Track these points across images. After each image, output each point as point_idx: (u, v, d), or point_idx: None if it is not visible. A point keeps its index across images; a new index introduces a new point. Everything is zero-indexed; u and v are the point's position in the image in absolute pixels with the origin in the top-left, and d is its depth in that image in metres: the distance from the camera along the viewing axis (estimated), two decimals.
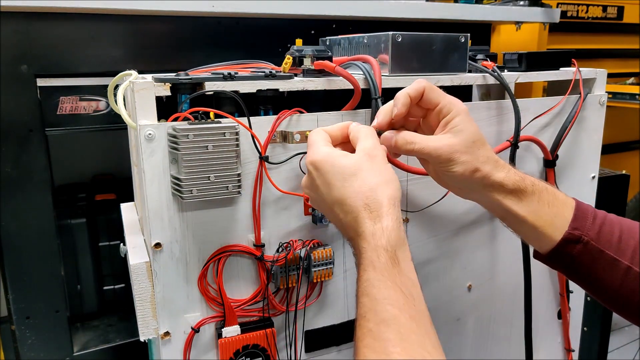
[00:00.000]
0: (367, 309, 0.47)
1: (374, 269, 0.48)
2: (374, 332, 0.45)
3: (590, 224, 0.58)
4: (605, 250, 0.57)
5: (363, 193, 0.52)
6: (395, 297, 0.47)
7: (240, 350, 0.67)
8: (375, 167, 0.53)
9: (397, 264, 0.49)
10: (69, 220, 1.15)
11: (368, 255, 0.49)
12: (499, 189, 0.59)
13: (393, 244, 0.50)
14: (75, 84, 0.97)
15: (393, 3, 1.15)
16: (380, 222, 0.50)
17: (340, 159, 0.54)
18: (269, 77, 0.66)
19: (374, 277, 0.48)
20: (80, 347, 1.10)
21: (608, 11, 2.04)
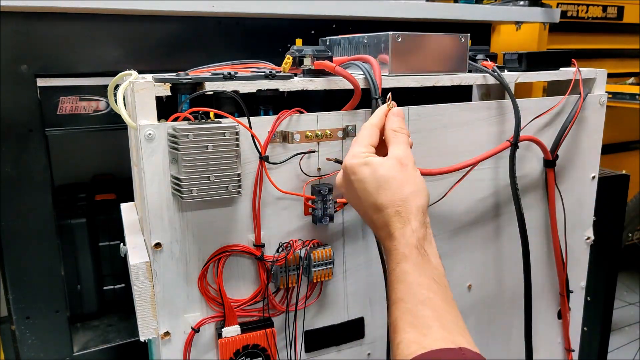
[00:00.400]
0: (403, 293, 0.52)
1: (407, 261, 0.54)
2: (413, 311, 0.50)
3: None
4: None
5: (395, 202, 0.57)
6: (428, 283, 0.53)
7: (240, 350, 0.67)
8: (408, 176, 0.58)
9: (426, 257, 0.55)
10: (69, 220, 1.15)
11: (401, 251, 0.55)
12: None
13: (421, 241, 0.56)
14: (75, 84, 0.97)
15: (393, 3, 1.15)
16: (409, 224, 0.56)
17: (377, 166, 0.58)
18: (269, 77, 0.66)
19: (408, 267, 0.54)
20: (80, 347, 1.10)
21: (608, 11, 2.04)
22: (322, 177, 0.70)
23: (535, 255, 0.90)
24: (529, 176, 0.89)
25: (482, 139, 0.82)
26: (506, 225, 0.88)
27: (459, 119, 0.79)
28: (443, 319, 0.50)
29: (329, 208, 0.69)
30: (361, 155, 0.59)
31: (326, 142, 0.69)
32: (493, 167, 0.84)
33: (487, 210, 0.86)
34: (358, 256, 0.76)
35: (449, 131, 0.79)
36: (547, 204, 0.91)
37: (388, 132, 0.62)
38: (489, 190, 0.85)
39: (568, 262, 0.94)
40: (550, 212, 0.91)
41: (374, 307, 0.79)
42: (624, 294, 2.40)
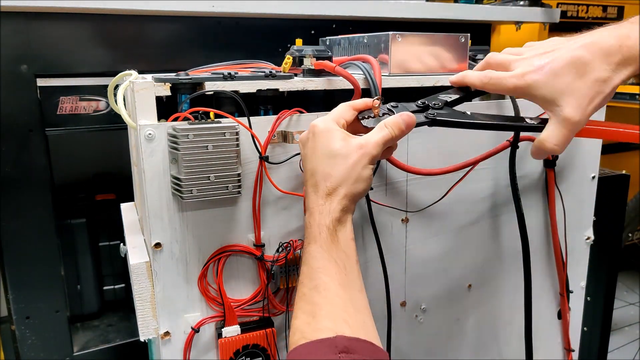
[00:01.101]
0: (304, 276, 0.54)
1: (315, 242, 0.54)
2: (307, 296, 0.52)
3: None
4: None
5: (333, 178, 0.56)
6: (328, 267, 0.53)
7: (240, 350, 0.67)
8: (358, 163, 0.56)
9: (335, 240, 0.55)
10: (69, 220, 1.15)
11: (314, 230, 0.55)
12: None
13: (335, 223, 0.55)
14: (75, 84, 0.98)
15: (393, 3, 1.15)
16: (330, 204, 0.55)
17: (336, 140, 0.56)
18: (269, 77, 0.66)
19: (314, 249, 0.54)
20: (80, 347, 1.10)
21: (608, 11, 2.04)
22: None
23: (535, 255, 0.90)
24: (529, 176, 0.89)
25: (482, 139, 0.82)
26: (506, 225, 0.88)
27: None
28: (332, 307, 0.50)
29: None
30: (329, 122, 0.58)
31: None
32: (493, 167, 0.84)
33: (487, 210, 0.86)
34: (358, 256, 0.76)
35: (449, 131, 0.79)
36: (547, 204, 0.91)
37: (380, 123, 0.60)
38: (489, 190, 0.85)
39: (568, 262, 0.94)
40: (550, 212, 0.91)
41: (374, 307, 0.79)
42: (624, 294, 2.40)
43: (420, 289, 0.83)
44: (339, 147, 0.56)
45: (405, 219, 0.79)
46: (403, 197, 0.78)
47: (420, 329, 0.84)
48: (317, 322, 0.49)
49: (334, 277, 0.52)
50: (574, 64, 0.54)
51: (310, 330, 0.49)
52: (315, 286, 0.52)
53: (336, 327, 0.48)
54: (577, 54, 0.54)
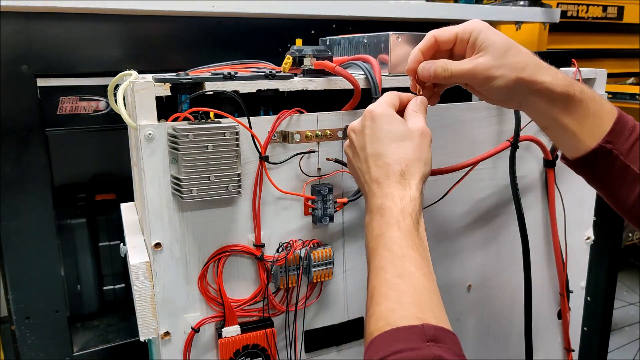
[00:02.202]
0: (386, 262, 0.52)
1: (399, 228, 0.53)
2: (391, 283, 0.50)
3: (625, 138, 0.58)
4: (631, 166, 0.57)
5: (405, 160, 0.56)
6: (413, 256, 0.52)
7: (240, 350, 0.67)
8: (423, 146, 0.57)
9: (418, 230, 0.54)
10: (69, 220, 1.15)
11: (394, 215, 0.53)
12: (547, 95, 0.57)
13: (417, 212, 0.54)
14: (75, 84, 0.97)
15: (393, 3, 1.15)
16: (410, 190, 0.55)
17: (398, 123, 0.57)
18: (269, 77, 0.66)
19: (398, 235, 0.52)
20: (80, 347, 1.10)
21: (608, 11, 2.04)
22: (322, 177, 0.70)
23: (535, 255, 0.90)
24: (529, 176, 0.89)
25: (482, 139, 0.82)
26: (506, 225, 0.88)
27: (459, 119, 0.79)
28: (418, 295, 0.49)
29: (329, 208, 0.69)
30: (386, 106, 0.59)
31: (326, 142, 0.69)
32: (493, 167, 0.84)
33: (487, 210, 0.86)
34: (358, 256, 0.76)
35: (449, 131, 0.79)
36: (547, 204, 0.91)
37: (408, 112, 0.61)
38: (489, 190, 0.85)
39: (568, 262, 0.94)
40: (550, 212, 0.91)
41: None
42: (624, 294, 2.40)
43: None
44: (405, 129, 0.57)
45: None
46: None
47: None
48: (403, 309, 0.48)
49: (419, 266, 0.51)
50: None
51: (396, 317, 0.47)
52: (400, 274, 0.50)
53: (423, 315, 0.47)
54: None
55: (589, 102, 0.58)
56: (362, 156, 0.59)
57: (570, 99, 0.58)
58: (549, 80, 0.57)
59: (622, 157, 0.57)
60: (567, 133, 0.59)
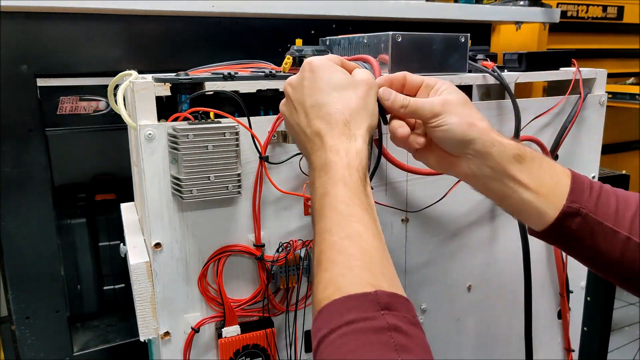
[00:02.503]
0: (332, 223, 0.48)
1: (344, 184, 0.49)
2: (339, 245, 0.46)
3: (587, 195, 0.56)
4: (603, 222, 0.55)
5: (349, 110, 0.52)
6: (361, 215, 0.48)
7: (240, 350, 0.67)
8: (369, 97, 0.54)
9: (366, 186, 0.51)
10: (69, 220, 1.15)
11: (339, 171, 0.50)
12: (499, 152, 0.56)
13: (364, 166, 0.51)
14: (75, 84, 0.97)
15: (393, 3, 1.15)
16: (355, 142, 0.51)
17: (340, 73, 0.55)
18: (269, 77, 0.66)
19: (344, 193, 0.49)
20: (80, 347, 1.10)
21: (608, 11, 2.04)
22: None
23: (535, 255, 0.90)
24: None
25: None
26: (506, 226, 0.88)
27: None
28: (369, 258, 0.46)
29: None
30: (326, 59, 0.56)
31: None
32: None
33: (487, 211, 0.86)
34: None
35: None
36: None
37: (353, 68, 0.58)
38: None
39: (568, 262, 0.94)
40: None
41: None
42: (624, 294, 2.39)
43: (420, 289, 0.83)
44: (348, 78, 0.54)
45: (405, 219, 0.79)
46: (403, 197, 0.78)
47: None
48: (353, 274, 0.44)
49: (367, 226, 0.48)
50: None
51: (347, 283, 0.44)
52: (348, 235, 0.47)
53: (375, 281, 0.44)
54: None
55: (542, 162, 0.58)
56: (301, 110, 0.55)
57: (523, 158, 0.57)
58: (500, 139, 0.57)
59: (592, 214, 0.55)
60: (528, 195, 0.56)
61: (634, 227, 0.55)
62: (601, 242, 0.55)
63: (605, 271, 0.59)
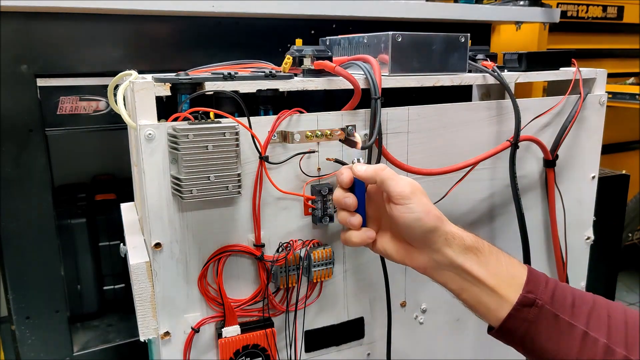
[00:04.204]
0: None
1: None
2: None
3: (543, 287, 0.56)
4: (560, 315, 0.55)
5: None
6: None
7: (240, 350, 0.67)
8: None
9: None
10: (69, 220, 1.15)
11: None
12: (458, 244, 0.58)
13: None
14: (75, 84, 0.98)
15: (393, 3, 1.15)
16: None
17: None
18: (269, 77, 0.66)
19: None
20: (80, 347, 1.10)
21: (608, 11, 2.04)
22: (322, 177, 0.70)
23: (535, 255, 0.90)
24: (528, 176, 0.89)
25: (482, 139, 0.82)
26: (506, 225, 0.88)
27: (459, 119, 0.79)
28: None
29: (329, 208, 0.69)
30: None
31: (326, 142, 0.69)
32: (493, 167, 0.84)
33: (487, 210, 0.86)
34: (358, 256, 0.76)
35: (449, 131, 0.79)
36: (547, 204, 0.91)
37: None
38: (489, 190, 0.85)
39: (568, 262, 0.94)
40: (550, 212, 0.91)
41: (374, 307, 0.79)
42: (624, 294, 2.40)
43: (421, 289, 0.83)
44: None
45: None
46: None
47: (420, 329, 0.84)
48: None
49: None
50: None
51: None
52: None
53: None
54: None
55: (498, 255, 0.59)
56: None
57: (481, 252, 0.58)
58: (459, 230, 0.59)
59: (548, 306, 0.55)
60: (484, 289, 0.58)
61: (591, 322, 0.54)
62: (558, 337, 0.55)
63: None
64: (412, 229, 0.59)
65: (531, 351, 0.58)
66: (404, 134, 0.75)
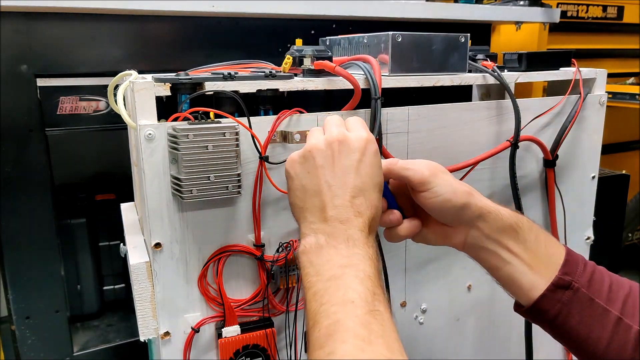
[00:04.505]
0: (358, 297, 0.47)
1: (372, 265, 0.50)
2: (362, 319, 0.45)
3: (581, 270, 0.55)
4: (595, 299, 0.53)
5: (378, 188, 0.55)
6: (382, 296, 0.48)
7: (240, 350, 0.67)
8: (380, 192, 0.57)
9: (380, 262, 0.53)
10: (69, 220, 1.15)
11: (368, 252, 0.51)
12: (494, 219, 0.56)
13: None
14: (75, 84, 0.98)
15: (393, 3, 1.15)
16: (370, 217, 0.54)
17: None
18: (269, 77, 0.66)
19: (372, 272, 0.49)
20: (80, 347, 1.10)
21: (608, 11, 2.04)
22: None
23: None
24: (528, 176, 0.89)
25: (482, 139, 0.82)
26: None
27: (459, 119, 0.79)
28: (388, 335, 0.45)
29: None
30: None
31: None
32: (493, 167, 0.84)
33: None
34: None
35: (449, 131, 0.79)
36: (547, 204, 0.91)
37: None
38: (489, 190, 0.85)
39: None
40: (550, 212, 0.91)
41: None
42: None
43: (420, 289, 0.83)
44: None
45: None
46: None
47: (420, 329, 0.84)
48: (374, 351, 0.43)
49: (386, 308, 0.48)
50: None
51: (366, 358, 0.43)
52: (371, 311, 0.46)
53: (393, 358, 0.43)
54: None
55: (538, 233, 0.57)
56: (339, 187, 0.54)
57: (520, 227, 0.56)
58: (495, 207, 0.57)
59: (584, 289, 0.54)
60: (520, 266, 0.56)
61: (626, 308, 0.53)
62: (590, 321, 0.53)
63: (590, 355, 0.55)
64: (444, 211, 0.57)
65: (560, 333, 0.57)
66: (404, 134, 0.75)
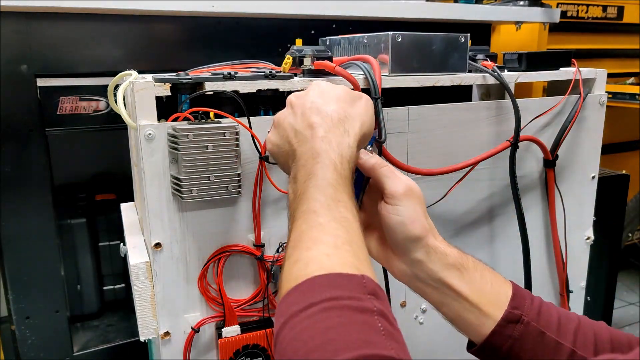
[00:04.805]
0: (320, 205, 0.46)
1: (335, 170, 0.48)
2: (326, 227, 0.44)
3: (529, 304, 0.54)
4: (546, 333, 0.53)
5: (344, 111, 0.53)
6: (350, 204, 0.47)
7: (240, 350, 0.67)
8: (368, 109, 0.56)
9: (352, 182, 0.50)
10: (69, 220, 1.15)
11: (331, 156, 0.49)
12: (439, 259, 0.55)
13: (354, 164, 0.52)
14: (75, 84, 0.98)
15: (393, 3, 1.15)
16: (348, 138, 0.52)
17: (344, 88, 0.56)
18: (269, 77, 0.66)
19: (334, 177, 0.48)
20: (80, 347, 1.10)
21: (608, 11, 2.04)
22: None
23: (535, 255, 0.90)
24: (528, 176, 0.89)
25: (482, 139, 0.82)
26: (506, 225, 0.88)
27: (459, 119, 0.79)
28: (355, 244, 0.44)
29: None
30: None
31: None
32: (493, 167, 0.84)
33: (487, 210, 0.86)
34: None
35: (449, 131, 0.79)
36: (547, 204, 0.91)
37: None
38: (489, 190, 0.85)
39: (568, 262, 0.94)
40: (550, 212, 0.91)
41: None
42: (624, 294, 2.40)
43: None
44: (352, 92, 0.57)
45: None
46: None
47: (420, 329, 0.84)
48: (340, 255, 0.42)
49: (355, 216, 0.46)
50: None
51: (333, 263, 0.41)
52: (335, 218, 0.45)
53: (362, 267, 0.41)
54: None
55: (483, 272, 0.56)
56: (299, 111, 0.54)
57: (465, 268, 0.56)
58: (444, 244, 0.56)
59: (534, 322, 0.53)
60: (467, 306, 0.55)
61: (578, 340, 0.52)
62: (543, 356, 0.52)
63: None
64: (395, 233, 0.55)
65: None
66: (404, 134, 0.75)
